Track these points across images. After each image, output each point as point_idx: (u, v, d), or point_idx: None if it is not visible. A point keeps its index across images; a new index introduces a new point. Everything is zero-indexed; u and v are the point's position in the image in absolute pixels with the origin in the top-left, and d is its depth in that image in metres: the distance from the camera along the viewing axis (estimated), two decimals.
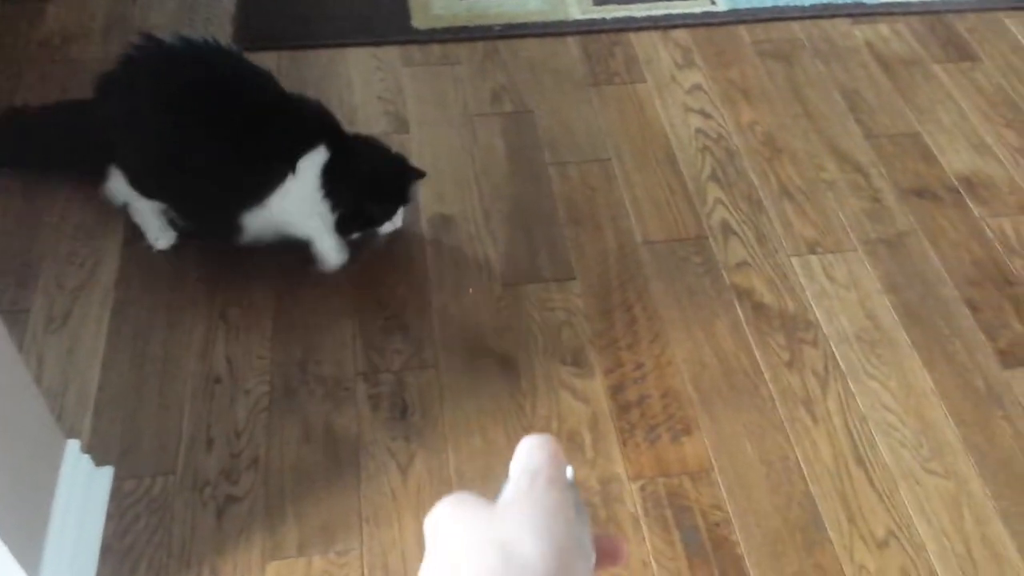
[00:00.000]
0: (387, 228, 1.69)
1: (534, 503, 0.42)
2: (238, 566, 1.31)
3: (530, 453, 0.45)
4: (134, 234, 1.71)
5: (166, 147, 1.58)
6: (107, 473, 1.38)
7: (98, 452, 1.39)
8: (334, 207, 1.61)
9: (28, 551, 1.14)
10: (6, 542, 1.08)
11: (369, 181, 1.62)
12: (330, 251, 1.66)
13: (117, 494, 1.37)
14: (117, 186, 1.67)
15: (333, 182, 1.59)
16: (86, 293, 1.61)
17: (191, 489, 1.38)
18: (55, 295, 1.61)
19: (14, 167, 1.80)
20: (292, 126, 1.60)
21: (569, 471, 0.45)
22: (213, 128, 1.55)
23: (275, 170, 1.58)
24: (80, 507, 1.29)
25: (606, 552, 0.45)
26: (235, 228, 1.62)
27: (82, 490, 1.30)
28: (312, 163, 1.59)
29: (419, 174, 1.67)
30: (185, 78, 1.57)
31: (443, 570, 0.42)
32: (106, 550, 1.32)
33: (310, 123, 1.63)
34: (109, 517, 1.35)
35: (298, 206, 1.61)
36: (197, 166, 1.57)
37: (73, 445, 1.30)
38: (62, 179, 1.79)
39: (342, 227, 1.64)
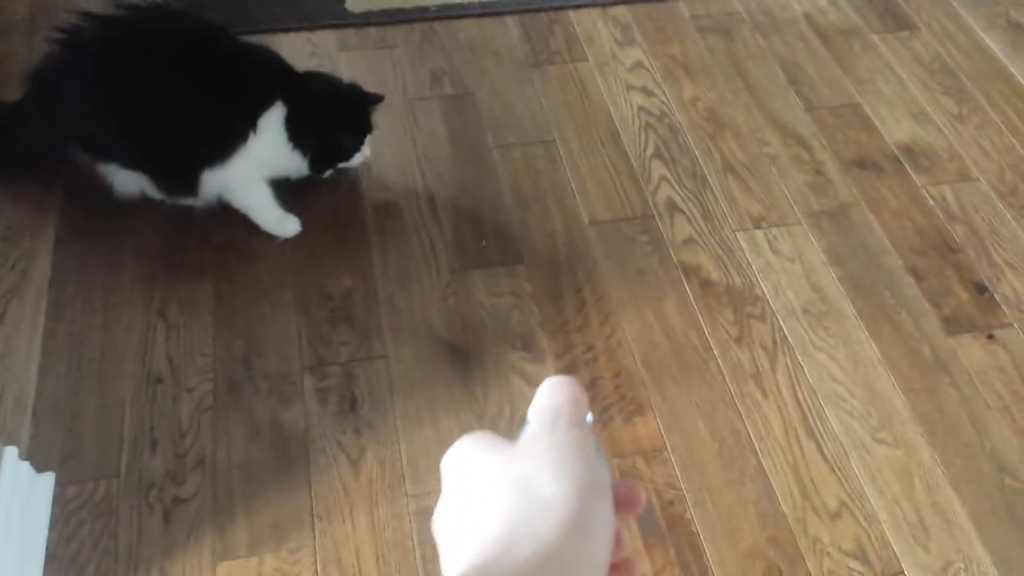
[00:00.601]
0: (358, 160, 1.74)
1: (555, 443, 0.41)
2: (187, 569, 1.28)
3: (551, 393, 0.45)
4: (66, 233, 1.65)
5: (127, 112, 1.57)
6: (48, 479, 1.34)
7: (38, 458, 1.35)
8: (304, 152, 1.67)
9: None
10: None
11: (332, 119, 1.69)
12: (276, 224, 1.69)
13: (60, 500, 1.33)
14: (123, 180, 1.66)
15: (297, 130, 1.65)
16: (18, 296, 1.56)
17: (136, 492, 1.35)
18: None
19: None
20: (248, 82, 1.63)
21: (589, 415, 0.45)
22: (171, 87, 1.56)
23: (236, 130, 1.61)
24: (21, 515, 1.25)
25: (624, 498, 0.44)
26: (195, 185, 1.64)
27: (23, 498, 1.26)
28: (273, 119, 1.63)
29: (377, 98, 1.72)
30: (135, 40, 1.56)
31: (463, 510, 0.41)
32: (51, 558, 1.28)
33: (264, 76, 1.66)
34: (52, 524, 1.31)
35: (263, 161, 1.65)
36: (159, 126, 1.58)
37: (11, 452, 1.26)
38: None
39: (315, 166, 1.71)
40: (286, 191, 1.73)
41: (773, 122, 1.92)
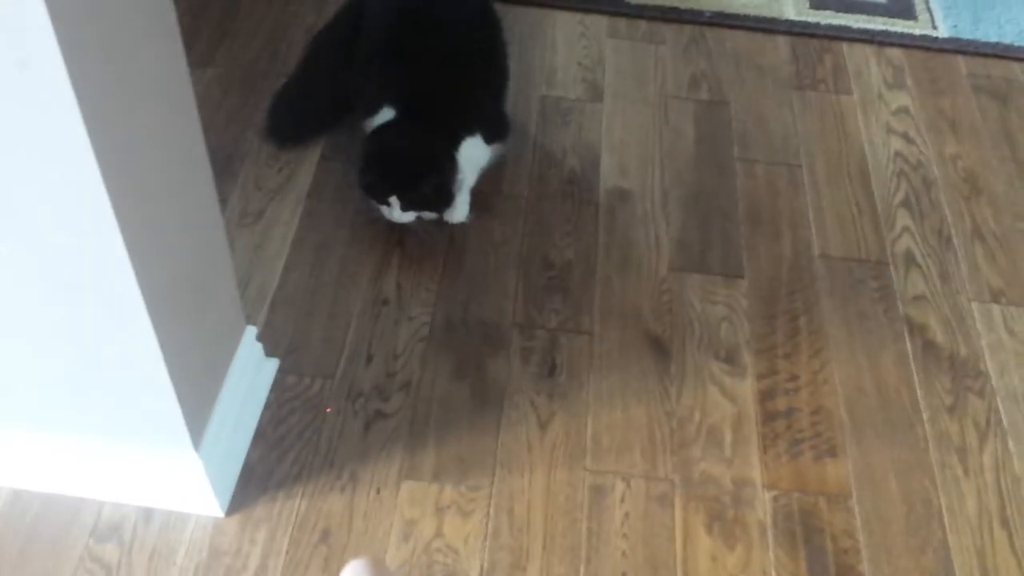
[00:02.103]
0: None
1: None
2: (376, 477, 1.37)
3: None
4: (331, 151, 1.78)
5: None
6: (273, 364, 1.46)
7: (268, 344, 1.47)
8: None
9: (197, 417, 1.23)
10: (181, 404, 1.16)
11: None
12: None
13: (278, 386, 1.45)
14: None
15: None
16: (280, 196, 1.70)
17: (345, 397, 1.45)
18: (251, 193, 1.70)
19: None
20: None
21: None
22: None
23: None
24: (247, 389, 1.37)
25: None
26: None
27: (251, 374, 1.39)
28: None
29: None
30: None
31: None
32: (259, 436, 1.40)
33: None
34: (267, 406, 1.43)
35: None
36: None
37: (251, 331, 1.38)
38: (275, 87, 1.88)
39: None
40: (520, 161, 1.80)
41: None
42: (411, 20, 1.71)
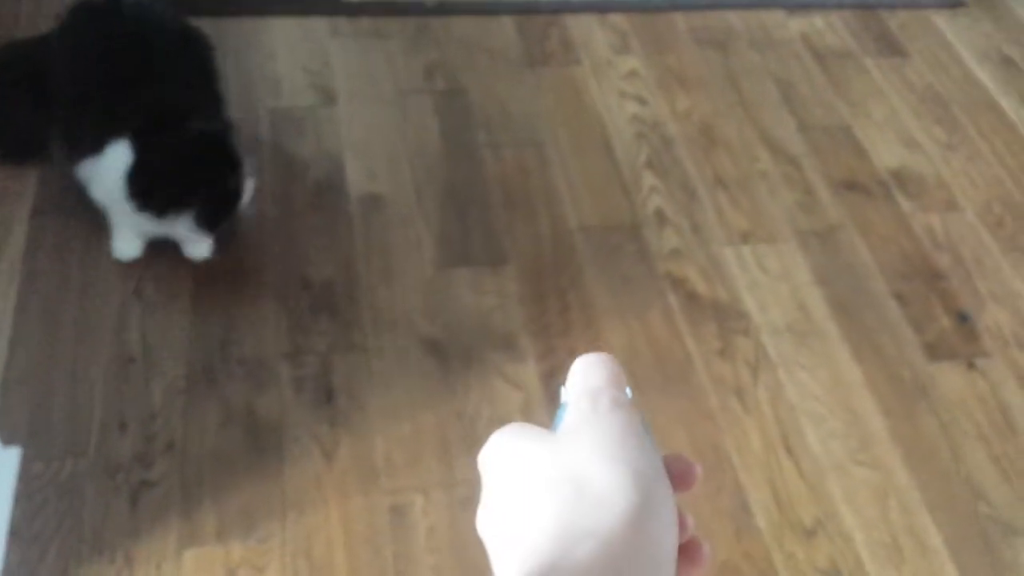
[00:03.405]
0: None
1: (601, 428, 0.38)
2: (153, 553, 1.25)
3: (587, 373, 0.42)
4: (44, 205, 1.62)
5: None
6: (15, 453, 1.30)
7: (5, 432, 1.31)
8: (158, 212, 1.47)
9: None
10: None
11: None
12: (121, 242, 1.56)
13: (25, 476, 1.30)
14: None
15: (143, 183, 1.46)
16: None
17: (103, 473, 1.31)
18: None
19: None
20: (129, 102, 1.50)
21: (628, 391, 0.41)
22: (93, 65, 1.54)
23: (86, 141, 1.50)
24: None
25: (678, 474, 0.40)
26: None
27: None
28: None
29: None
30: (105, 25, 1.57)
31: (511, 509, 0.37)
32: (13, 535, 1.25)
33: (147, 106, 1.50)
34: (16, 500, 1.27)
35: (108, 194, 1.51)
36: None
37: None
38: None
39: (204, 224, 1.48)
40: (263, 173, 1.71)
41: (765, 139, 1.92)
42: (116, 54, 1.56)
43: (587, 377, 0.41)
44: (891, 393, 1.53)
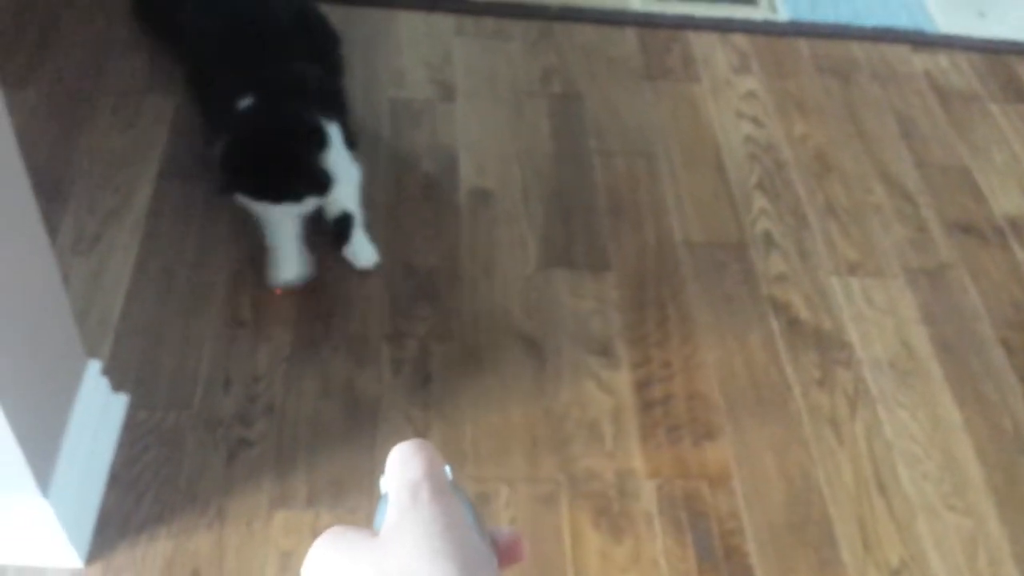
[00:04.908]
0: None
1: (423, 522, 0.37)
2: (244, 510, 1.28)
3: (405, 464, 0.40)
4: (170, 168, 1.68)
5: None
6: (122, 399, 1.35)
7: (115, 378, 1.36)
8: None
9: (41, 460, 1.12)
10: (22, 446, 1.05)
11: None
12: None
13: (129, 423, 1.35)
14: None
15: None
16: (117, 219, 1.58)
17: (204, 428, 1.36)
18: (85, 218, 1.58)
19: None
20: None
21: (448, 470, 0.41)
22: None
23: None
24: (94, 428, 1.27)
25: (505, 551, 0.41)
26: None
27: (98, 412, 1.28)
28: None
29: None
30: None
31: None
32: (114, 477, 1.30)
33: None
34: (120, 444, 1.32)
35: None
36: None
37: (94, 365, 1.27)
38: (101, 103, 1.76)
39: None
40: (374, 167, 1.75)
41: (881, 172, 1.89)
42: (243, 29, 1.63)
43: (405, 469, 0.40)
44: (990, 441, 1.49)
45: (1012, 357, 1.61)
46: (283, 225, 1.51)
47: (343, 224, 1.56)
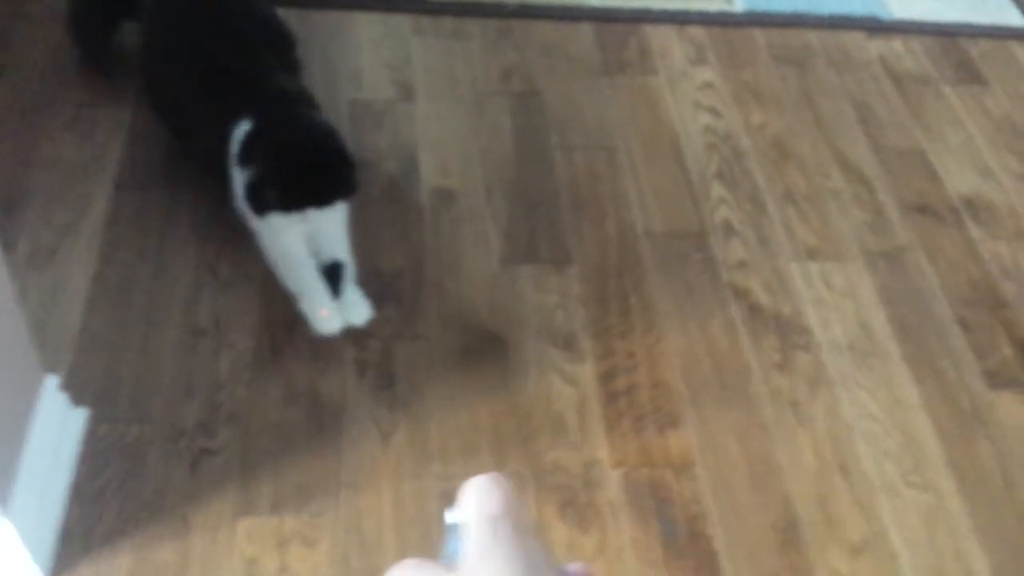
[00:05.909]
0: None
1: (505, 559, 0.36)
2: (209, 519, 1.29)
3: (484, 496, 0.39)
4: (126, 178, 1.68)
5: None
6: (83, 414, 1.35)
7: (75, 392, 1.36)
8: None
9: (0, 483, 1.12)
10: None
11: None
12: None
13: (91, 437, 1.35)
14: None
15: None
16: (74, 232, 1.58)
17: (166, 439, 1.36)
18: (41, 231, 1.57)
19: None
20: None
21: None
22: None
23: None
24: (54, 444, 1.26)
25: None
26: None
27: (57, 427, 1.28)
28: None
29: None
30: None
31: None
32: (76, 492, 1.29)
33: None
34: (82, 459, 1.32)
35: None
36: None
37: (51, 380, 1.27)
38: (56, 115, 1.76)
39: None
40: None
41: (838, 158, 1.91)
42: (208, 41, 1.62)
43: (483, 503, 0.38)
44: (948, 418, 1.51)
45: (968, 335, 1.64)
46: (303, 265, 1.50)
47: (335, 275, 1.52)
